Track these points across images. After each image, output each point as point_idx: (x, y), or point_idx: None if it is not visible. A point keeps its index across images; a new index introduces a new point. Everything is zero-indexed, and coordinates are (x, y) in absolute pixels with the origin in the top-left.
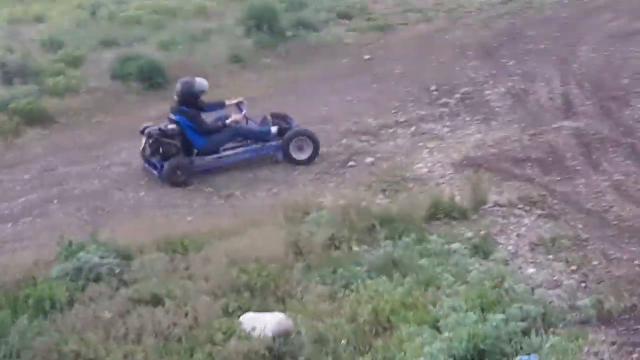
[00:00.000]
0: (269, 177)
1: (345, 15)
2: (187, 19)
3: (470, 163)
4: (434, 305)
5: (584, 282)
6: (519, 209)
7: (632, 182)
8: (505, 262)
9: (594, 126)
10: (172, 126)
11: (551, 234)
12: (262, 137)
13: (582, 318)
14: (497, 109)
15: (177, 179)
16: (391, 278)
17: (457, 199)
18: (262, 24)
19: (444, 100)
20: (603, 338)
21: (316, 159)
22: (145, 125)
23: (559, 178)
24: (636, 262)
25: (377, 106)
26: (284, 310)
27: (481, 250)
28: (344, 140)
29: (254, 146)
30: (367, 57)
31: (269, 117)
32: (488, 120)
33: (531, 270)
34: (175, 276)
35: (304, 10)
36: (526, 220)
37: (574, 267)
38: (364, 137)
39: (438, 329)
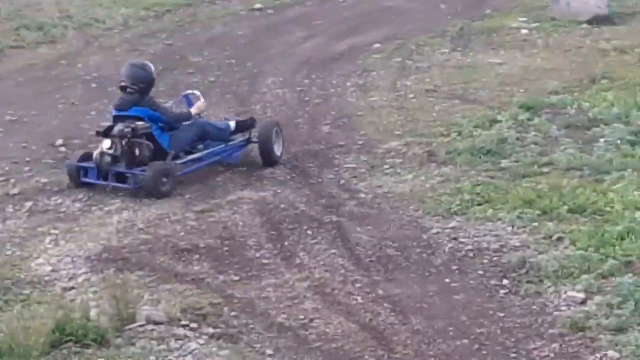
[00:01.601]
0: None
1: None
2: None
3: (114, 257)
4: None
5: None
6: (183, 326)
7: (339, 281)
8: None
9: (285, 197)
10: (140, 123)
11: None
12: (223, 135)
13: None
14: None
15: (162, 189)
16: None
17: (94, 313)
18: None
19: None
20: None
21: None
22: (103, 124)
23: (238, 277)
24: None
25: None
26: None
27: None
28: None
29: (220, 146)
30: None
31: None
32: (135, 192)
33: None
34: None
35: None
36: (193, 345)
37: None
38: None
39: None
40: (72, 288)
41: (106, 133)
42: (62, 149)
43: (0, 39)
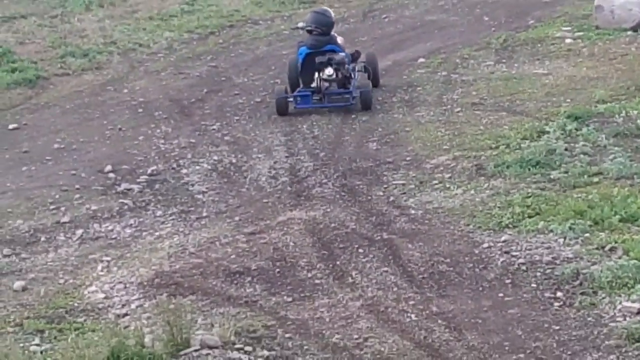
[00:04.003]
0: None
1: None
2: None
3: (166, 282)
4: None
5: None
6: (238, 350)
7: (392, 299)
8: None
9: (335, 216)
10: (342, 54)
11: None
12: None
13: None
14: (199, 197)
15: (372, 102)
16: None
17: (148, 339)
18: None
19: (124, 186)
20: None
21: None
22: (322, 58)
23: (290, 299)
24: None
25: (28, 200)
26: None
27: None
28: None
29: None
30: (12, 126)
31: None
32: (188, 213)
33: None
34: None
35: None
36: None
37: None
38: (7, 249)
39: None
40: (126, 315)
41: (328, 63)
42: (111, 175)
43: (45, 67)
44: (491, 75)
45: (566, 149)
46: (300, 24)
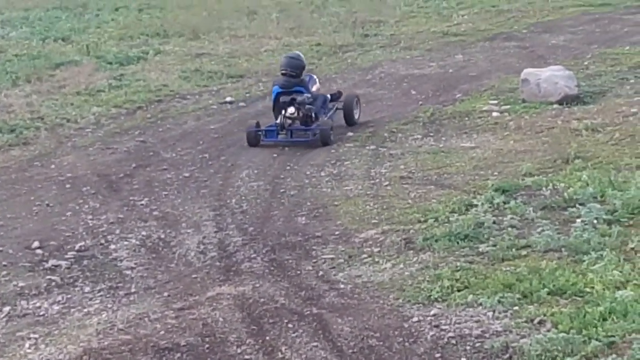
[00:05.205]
0: None
1: None
2: None
3: (95, 359)
4: None
5: None
6: None
7: None
8: None
9: (264, 291)
10: (307, 95)
11: None
12: (327, 104)
13: None
14: (128, 272)
15: (332, 139)
16: None
17: None
18: None
19: (52, 262)
20: None
21: None
22: (286, 98)
23: None
24: None
25: None
26: None
27: None
28: None
29: (329, 112)
30: None
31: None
32: (117, 289)
33: None
34: None
35: None
36: None
37: None
38: None
39: None
40: None
41: (290, 103)
42: (39, 251)
43: None
44: (419, 148)
45: (494, 222)
46: (228, 99)
